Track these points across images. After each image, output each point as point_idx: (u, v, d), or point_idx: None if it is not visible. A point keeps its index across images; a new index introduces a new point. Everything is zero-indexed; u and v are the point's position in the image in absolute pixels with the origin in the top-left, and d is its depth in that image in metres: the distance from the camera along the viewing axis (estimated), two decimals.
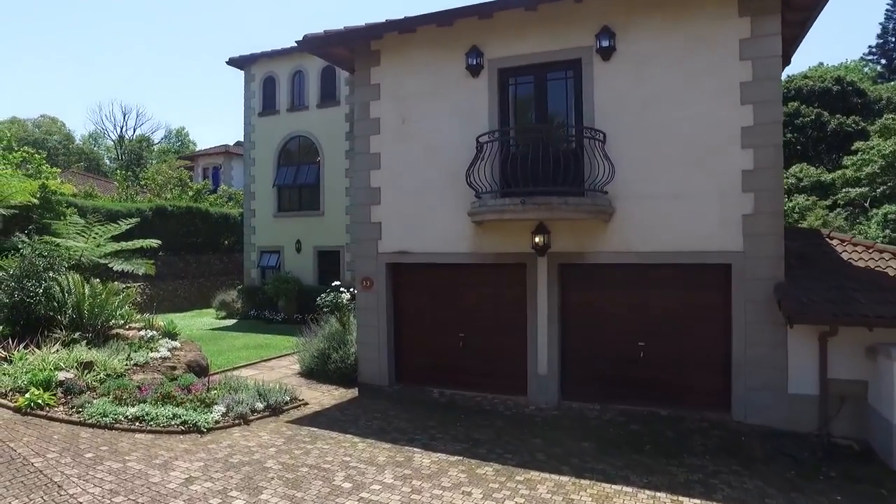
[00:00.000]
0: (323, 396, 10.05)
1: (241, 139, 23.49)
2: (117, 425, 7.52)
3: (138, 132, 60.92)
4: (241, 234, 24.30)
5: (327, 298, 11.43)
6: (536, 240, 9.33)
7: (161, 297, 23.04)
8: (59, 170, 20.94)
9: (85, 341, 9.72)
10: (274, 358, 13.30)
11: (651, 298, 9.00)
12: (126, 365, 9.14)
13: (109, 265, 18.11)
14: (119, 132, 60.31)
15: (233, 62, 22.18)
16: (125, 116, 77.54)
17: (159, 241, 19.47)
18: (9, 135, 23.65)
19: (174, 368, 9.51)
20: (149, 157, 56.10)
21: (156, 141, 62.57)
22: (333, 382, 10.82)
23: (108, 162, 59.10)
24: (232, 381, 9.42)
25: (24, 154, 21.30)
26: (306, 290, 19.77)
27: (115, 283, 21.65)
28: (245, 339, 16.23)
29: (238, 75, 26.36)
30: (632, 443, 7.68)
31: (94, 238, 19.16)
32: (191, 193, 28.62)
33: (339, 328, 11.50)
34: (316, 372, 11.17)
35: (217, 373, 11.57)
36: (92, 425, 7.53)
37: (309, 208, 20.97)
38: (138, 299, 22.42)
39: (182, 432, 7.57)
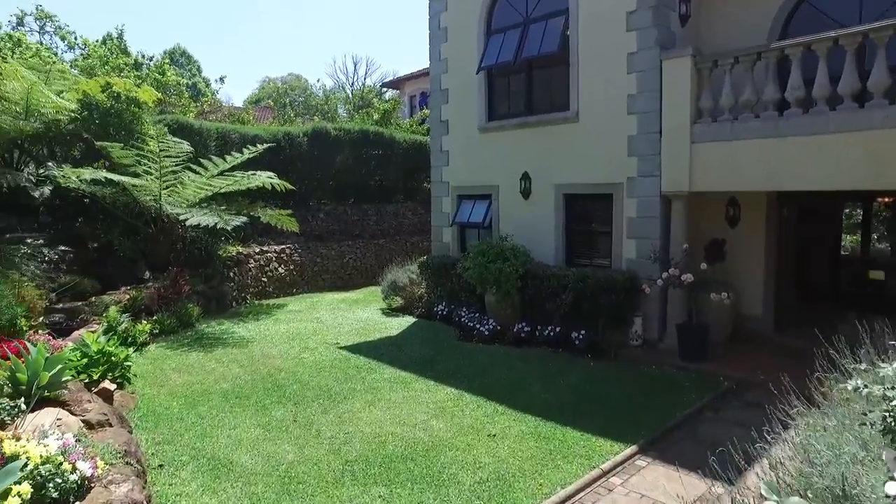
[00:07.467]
0: None
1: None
2: None
3: (368, 82, 57.18)
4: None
5: None
6: None
7: (318, 266, 15.22)
8: (153, 89, 13.56)
9: None
10: None
11: None
12: None
13: (181, 218, 10.30)
14: (351, 84, 57.32)
15: None
16: (356, 66, 76.01)
17: (272, 175, 11.11)
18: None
19: None
20: (377, 108, 51.92)
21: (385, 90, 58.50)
22: None
23: (343, 114, 56.83)
24: None
25: (109, 59, 14.66)
26: (541, 275, 9.80)
27: (233, 246, 14.23)
28: (396, 404, 6.91)
29: None
30: None
31: (194, 177, 11.63)
32: (375, 117, 20.43)
33: None
34: None
35: None
36: None
37: (547, 109, 10.63)
38: (280, 271, 14.95)
39: None
